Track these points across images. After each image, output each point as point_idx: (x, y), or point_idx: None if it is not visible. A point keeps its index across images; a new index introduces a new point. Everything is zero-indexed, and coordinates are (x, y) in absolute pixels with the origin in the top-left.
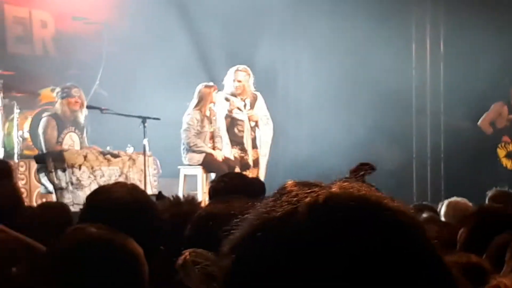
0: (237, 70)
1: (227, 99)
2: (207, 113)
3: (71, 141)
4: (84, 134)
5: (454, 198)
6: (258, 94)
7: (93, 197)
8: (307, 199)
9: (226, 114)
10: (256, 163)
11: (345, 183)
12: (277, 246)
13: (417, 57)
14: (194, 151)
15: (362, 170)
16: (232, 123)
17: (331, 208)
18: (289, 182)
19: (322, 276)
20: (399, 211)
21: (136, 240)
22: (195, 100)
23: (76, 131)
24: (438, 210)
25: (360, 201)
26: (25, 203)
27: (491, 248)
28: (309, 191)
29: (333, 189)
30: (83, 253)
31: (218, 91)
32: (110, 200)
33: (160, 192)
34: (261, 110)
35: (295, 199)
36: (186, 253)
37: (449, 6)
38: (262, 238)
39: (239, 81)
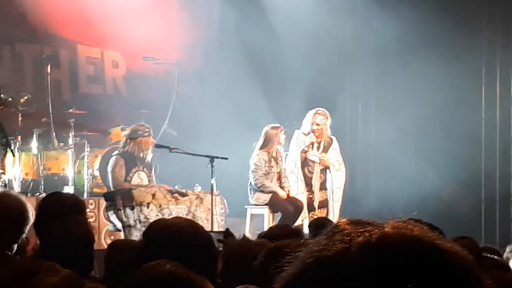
0: (316, 113)
1: (305, 134)
2: (274, 154)
3: (139, 180)
4: (152, 172)
5: None
6: (333, 138)
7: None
8: (360, 239)
9: (303, 149)
10: (322, 204)
11: (399, 223)
12: (329, 285)
13: (487, 100)
14: (262, 191)
15: None
16: (304, 163)
17: (384, 248)
18: (342, 220)
19: None
20: (452, 252)
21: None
22: (261, 141)
23: (145, 169)
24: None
25: (412, 242)
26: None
27: None
28: (362, 230)
29: (386, 229)
30: None
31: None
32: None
33: (227, 229)
34: (334, 155)
35: (348, 238)
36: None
37: None
38: (314, 276)
39: (318, 124)
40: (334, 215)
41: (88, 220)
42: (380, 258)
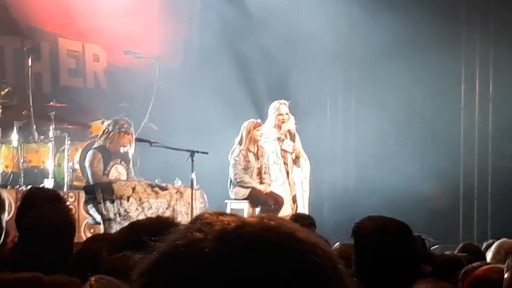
0: (280, 103)
1: (277, 127)
2: (253, 149)
3: (117, 173)
4: (131, 165)
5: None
6: (295, 131)
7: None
8: (217, 227)
9: (279, 138)
10: (294, 199)
11: (262, 215)
12: (182, 272)
13: (466, 97)
14: (241, 186)
15: None
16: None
17: (240, 236)
18: (207, 211)
19: None
20: (311, 243)
21: None
22: (240, 136)
23: (122, 162)
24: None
25: (271, 231)
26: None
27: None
28: (222, 219)
29: (248, 219)
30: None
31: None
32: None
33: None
34: (299, 146)
35: (207, 227)
36: (92, 279)
37: (498, 47)
38: (169, 264)
39: (287, 114)
40: (304, 206)
41: (70, 209)
42: (236, 246)
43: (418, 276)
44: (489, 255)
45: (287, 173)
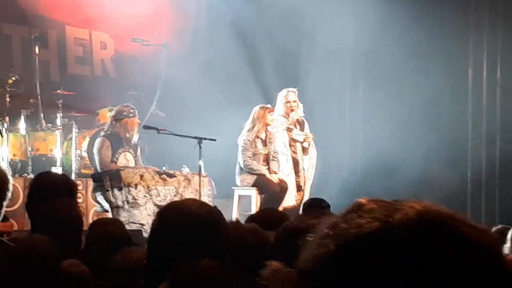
0: (289, 91)
1: (284, 116)
2: (262, 136)
3: (125, 160)
4: (138, 153)
5: None
6: (304, 118)
7: (164, 212)
8: (399, 215)
9: (288, 128)
10: (300, 188)
11: (418, 201)
12: (375, 261)
13: (473, 82)
14: (249, 173)
15: None
16: (290, 142)
17: (424, 223)
18: (364, 199)
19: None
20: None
21: (207, 253)
22: (249, 122)
23: (130, 150)
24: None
25: (449, 218)
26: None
27: None
28: (397, 206)
29: (419, 206)
30: None
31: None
32: (183, 214)
33: (215, 207)
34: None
35: (385, 213)
36: (275, 264)
37: (506, 31)
38: (354, 252)
39: (294, 101)
40: (306, 193)
41: (78, 202)
42: (423, 232)
43: None
44: (507, 244)
45: (295, 163)
